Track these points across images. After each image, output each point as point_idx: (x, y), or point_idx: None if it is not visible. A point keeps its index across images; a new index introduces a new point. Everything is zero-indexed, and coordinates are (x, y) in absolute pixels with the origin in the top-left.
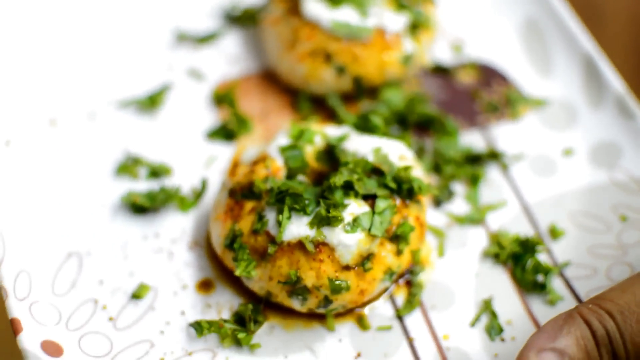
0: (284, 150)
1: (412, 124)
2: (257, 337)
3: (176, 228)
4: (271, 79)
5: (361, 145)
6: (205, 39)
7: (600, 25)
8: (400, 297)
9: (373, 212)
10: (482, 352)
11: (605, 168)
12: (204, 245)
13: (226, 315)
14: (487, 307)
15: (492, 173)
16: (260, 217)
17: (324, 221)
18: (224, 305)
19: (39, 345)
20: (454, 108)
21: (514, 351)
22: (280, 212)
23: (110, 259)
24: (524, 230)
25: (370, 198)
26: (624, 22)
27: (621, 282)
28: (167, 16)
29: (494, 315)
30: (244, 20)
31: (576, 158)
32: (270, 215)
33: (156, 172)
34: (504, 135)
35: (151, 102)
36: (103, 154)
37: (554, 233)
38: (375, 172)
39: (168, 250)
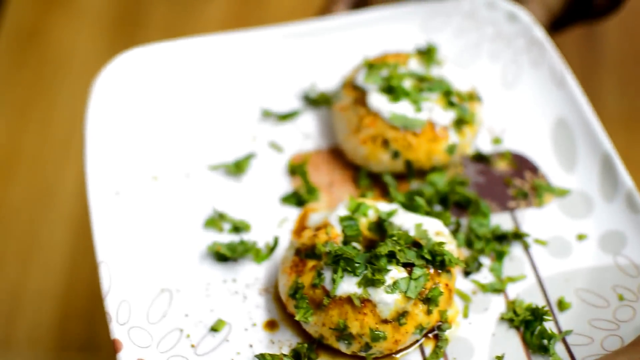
0: (342, 220)
1: (452, 203)
2: None
3: (250, 276)
4: (338, 155)
5: (406, 221)
6: (285, 117)
7: (598, 34)
8: (428, 347)
9: (410, 277)
10: None
11: (611, 253)
12: (272, 291)
13: (286, 351)
14: None
15: (515, 250)
16: (319, 274)
17: (370, 282)
18: (284, 342)
19: None
20: (489, 192)
21: None
22: (335, 272)
23: (195, 296)
24: (537, 300)
25: (408, 266)
26: (619, 34)
27: (605, 354)
28: (255, 96)
29: None
30: (319, 102)
31: (587, 243)
32: (327, 274)
33: (237, 228)
34: (529, 219)
35: (237, 168)
36: (195, 208)
37: (561, 305)
38: (415, 244)
39: (242, 293)
